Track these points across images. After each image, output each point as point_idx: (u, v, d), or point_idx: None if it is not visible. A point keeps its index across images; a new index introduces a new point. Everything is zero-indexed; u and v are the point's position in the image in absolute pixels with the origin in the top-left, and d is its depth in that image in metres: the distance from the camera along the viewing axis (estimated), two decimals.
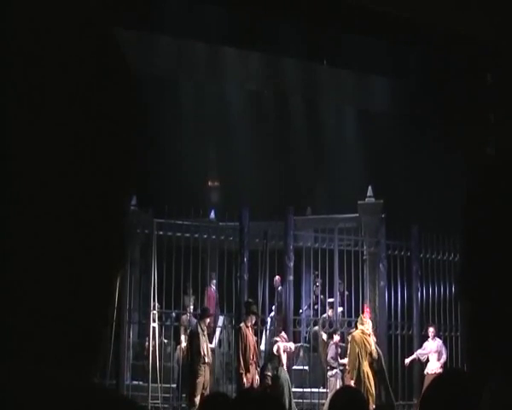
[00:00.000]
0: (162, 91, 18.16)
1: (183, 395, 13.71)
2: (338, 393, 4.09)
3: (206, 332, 13.40)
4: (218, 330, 15.48)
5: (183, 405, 13.76)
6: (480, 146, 15.84)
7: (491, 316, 1.16)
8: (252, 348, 13.13)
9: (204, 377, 13.00)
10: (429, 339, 14.59)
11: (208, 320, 13.75)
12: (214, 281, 16.15)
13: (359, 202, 16.48)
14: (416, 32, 16.38)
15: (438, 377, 2.61)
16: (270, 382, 13.29)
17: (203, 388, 12.89)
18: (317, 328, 15.44)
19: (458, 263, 15.17)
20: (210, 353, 13.34)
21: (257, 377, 13.32)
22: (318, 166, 19.57)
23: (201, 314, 13.87)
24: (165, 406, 14.12)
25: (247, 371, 13.00)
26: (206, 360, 13.10)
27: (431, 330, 14.67)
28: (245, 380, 12.97)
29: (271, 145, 19.44)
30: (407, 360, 14.64)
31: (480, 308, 1.18)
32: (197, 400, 12.66)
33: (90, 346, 0.74)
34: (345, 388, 7.33)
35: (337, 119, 20.66)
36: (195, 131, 18.99)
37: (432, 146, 17.78)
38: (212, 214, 17.26)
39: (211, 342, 15.14)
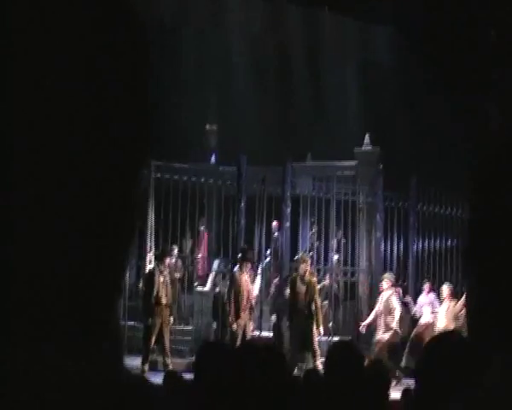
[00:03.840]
0: (162, 35, 17.99)
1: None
2: (334, 347, 4.10)
3: (165, 273, 13.13)
4: (211, 274, 15.58)
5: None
6: (482, 104, 15.77)
7: (499, 293, 1.15)
8: (245, 293, 13.16)
9: (161, 318, 12.86)
10: (423, 293, 14.66)
11: (168, 261, 13.52)
12: (202, 227, 16.07)
13: (356, 149, 16.45)
14: None
15: (434, 341, 2.60)
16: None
17: (160, 328, 12.82)
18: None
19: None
20: (168, 294, 13.06)
21: (251, 323, 13.39)
22: (318, 112, 19.51)
23: (159, 254, 13.68)
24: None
25: (238, 316, 13.03)
26: (163, 302, 12.90)
27: (426, 285, 14.73)
28: (235, 325, 13.02)
29: (271, 91, 19.35)
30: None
31: (487, 285, 1.16)
32: (152, 341, 12.70)
33: (102, 326, 0.73)
34: (342, 341, 7.36)
35: (338, 67, 20.53)
36: (196, 75, 18.88)
37: (433, 99, 17.69)
38: (213, 159, 17.23)
39: (204, 285, 15.28)
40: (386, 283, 13.73)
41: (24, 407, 0.67)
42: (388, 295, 13.58)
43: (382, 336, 13.40)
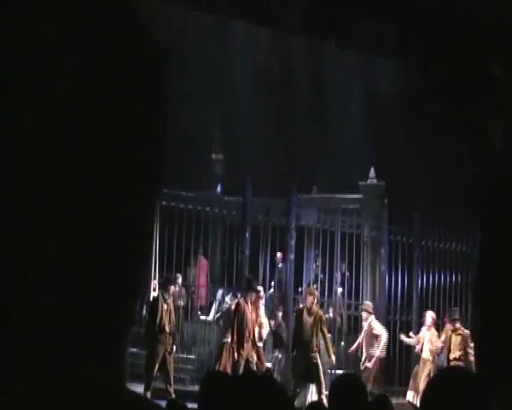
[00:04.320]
0: (169, 61, 18.06)
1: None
2: (338, 380, 4.08)
3: (169, 301, 13.07)
4: (215, 303, 15.53)
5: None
6: (486, 137, 15.79)
7: (507, 324, 1.15)
8: (250, 324, 13.07)
9: (164, 345, 12.77)
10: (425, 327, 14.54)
11: (172, 289, 13.48)
12: (201, 255, 16.00)
13: (360, 182, 16.46)
14: (425, 17, 16.33)
15: (440, 375, 2.60)
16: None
17: (164, 356, 12.73)
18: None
19: (474, 254, 15.18)
20: (171, 322, 12.99)
21: (253, 353, 13.28)
22: (323, 144, 19.54)
23: (164, 282, 13.65)
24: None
25: (242, 346, 12.93)
26: (167, 330, 12.83)
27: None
28: (236, 355, 12.92)
29: (276, 121, 19.39)
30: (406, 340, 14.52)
31: (496, 316, 1.16)
32: (155, 369, 12.64)
33: (113, 342, 0.73)
34: (345, 374, 7.32)
35: (342, 98, 20.60)
36: (201, 102, 18.92)
37: (436, 132, 17.74)
38: (219, 188, 17.25)
39: (207, 315, 15.23)
40: (364, 312, 13.78)
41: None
42: (369, 322, 13.64)
43: (367, 364, 13.44)
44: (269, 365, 13.88)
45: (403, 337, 14.56)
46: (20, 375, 0.67)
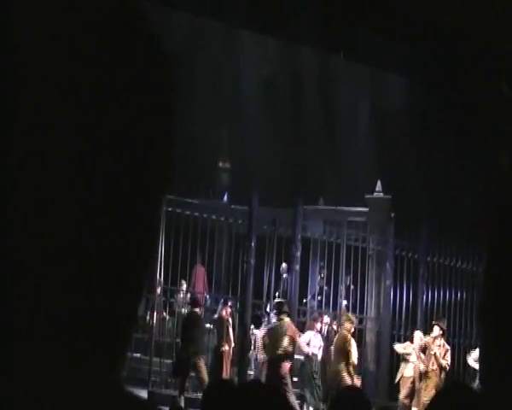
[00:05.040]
0: (176, 69, 18.08)
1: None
2: (342, 393, 4.04)
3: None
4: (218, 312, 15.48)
5: None
6: (494, 153, 15.79)
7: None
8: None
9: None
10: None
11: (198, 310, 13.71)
12: (199, 263, 16.01)
13: (367, 195, 16.45)
14: (433, 32, 16.38)
15: (443, 392, 2.57)
16: None
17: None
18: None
19: (479, 273, 15.12)
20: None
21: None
22: (330, 156, 19.57)
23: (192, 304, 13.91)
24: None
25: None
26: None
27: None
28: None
29: (284, 132, 19.42)
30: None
31: (502, 334, 1.15)
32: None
33: (116, 343, 0.73)
34: (349, 388, 7.26)
35: (350, 111, 20.63)
36: (209, 111, 18.97)
37: (444, 147, 17.74)
38: (225, 196, 17.26)
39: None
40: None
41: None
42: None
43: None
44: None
45: (396, 347, 14.39)
46: (20, 374, 0.67)
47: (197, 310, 13.57)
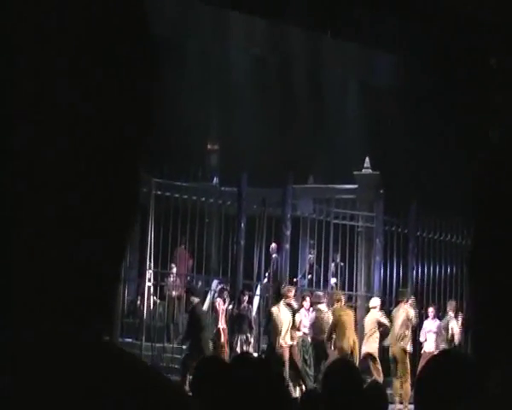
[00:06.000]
0: (165, 51, 18.01)
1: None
2: (333, 366, 4.07)
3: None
4: (210, 294, 15.50)
5: None
6: (482, 128, 15.81)
7: (503, 302, 1.14)
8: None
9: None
10: (429, 319, 14.57)
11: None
12: (183, 245, 15.98)
13: (355, 172, 16.44)
14: (422, 10, 16.35)
15: (433, 359, 2.60)
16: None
17: None
18: None
19: (469, 245, 15.21)
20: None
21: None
22: (319, 134, 19.53)
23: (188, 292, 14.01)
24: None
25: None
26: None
27: (430, 309, 14.65)
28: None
29: (273, 112, 19.36)
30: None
31: (491, 293, 1.15)
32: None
33: (102, 303, 0.74)
34: (340, 360, 7.31)
35: (339, 89, 20.59)
36: (197, 93, 18.88)
37: (433, 124, 17.75)
38: (216, 180, 17.23)
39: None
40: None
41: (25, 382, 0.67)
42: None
43: None
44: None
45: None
46: (19, 324, 0.68)
47: (196, 300, 13.62)
